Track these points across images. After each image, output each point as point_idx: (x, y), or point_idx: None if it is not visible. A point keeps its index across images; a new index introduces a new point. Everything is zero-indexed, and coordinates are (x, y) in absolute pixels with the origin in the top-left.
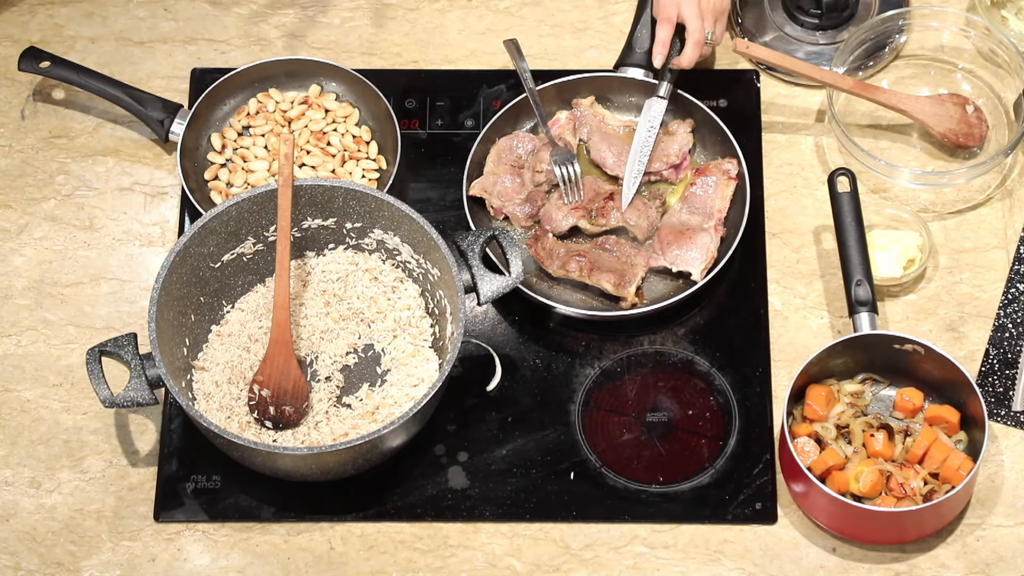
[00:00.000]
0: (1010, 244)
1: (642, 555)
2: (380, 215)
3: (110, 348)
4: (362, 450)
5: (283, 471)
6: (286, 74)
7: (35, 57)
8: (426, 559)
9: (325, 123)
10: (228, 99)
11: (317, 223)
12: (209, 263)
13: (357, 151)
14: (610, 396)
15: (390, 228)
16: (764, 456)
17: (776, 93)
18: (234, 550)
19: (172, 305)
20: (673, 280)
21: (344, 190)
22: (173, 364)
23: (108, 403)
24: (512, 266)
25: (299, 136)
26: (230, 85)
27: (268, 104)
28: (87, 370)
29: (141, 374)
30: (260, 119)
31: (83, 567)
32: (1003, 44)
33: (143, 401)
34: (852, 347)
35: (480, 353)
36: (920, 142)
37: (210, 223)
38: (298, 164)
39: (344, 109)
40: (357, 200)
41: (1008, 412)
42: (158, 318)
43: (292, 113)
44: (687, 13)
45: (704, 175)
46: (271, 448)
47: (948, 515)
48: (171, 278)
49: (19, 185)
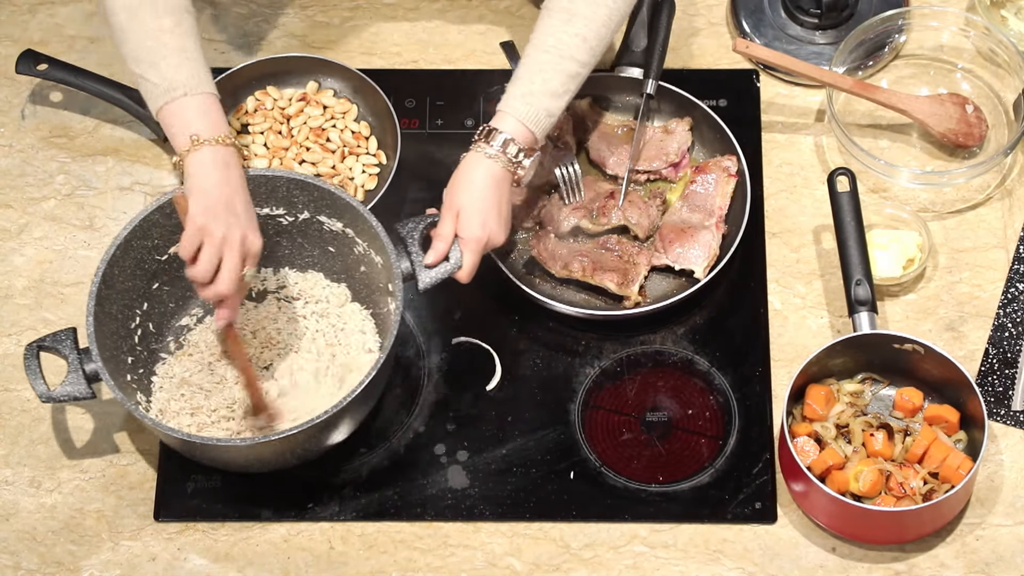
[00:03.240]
0: (1010, 244)
1: (642, 555)
2: (324, 204)
3: (48, 343)
4: (300, 440)
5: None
6: (283, 72)
7: (32, 59)
8: (426, 558)
9: (324, 119)
10: (226, 98)
11: (264, 212)
12: (155, 255)
13: (357, 146)
14: (610, 396)
15: (335, 215)
16: (764, 456)
17: (776, 93)
18: (234, 550)
19: (116, 299)
20: (675, 279)
21: (287, 179)
22: (117, 358)
23: (44, 398)
24: (451, 253)
25: (298, 133)
26: (227, 84)
27: (266, 102)
28: (24, 365)
29: (78, 368)
30: (259, 117)
31: (83, 567)
32: (1003, 44)
33: (80, 395)
34: (852, 347)
35: (480, 353)
36: (920, 142)
37: (152, 215)
38: (298, 161)
39: (342, 105)
40: (301, 189)
41: (1008, 412)
42: (97, 312)
43: (290, 110)
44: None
45: (704, 173)
46: (205, 440)
47: (948, 515)
48: (112, 271)
49: (19, 185)
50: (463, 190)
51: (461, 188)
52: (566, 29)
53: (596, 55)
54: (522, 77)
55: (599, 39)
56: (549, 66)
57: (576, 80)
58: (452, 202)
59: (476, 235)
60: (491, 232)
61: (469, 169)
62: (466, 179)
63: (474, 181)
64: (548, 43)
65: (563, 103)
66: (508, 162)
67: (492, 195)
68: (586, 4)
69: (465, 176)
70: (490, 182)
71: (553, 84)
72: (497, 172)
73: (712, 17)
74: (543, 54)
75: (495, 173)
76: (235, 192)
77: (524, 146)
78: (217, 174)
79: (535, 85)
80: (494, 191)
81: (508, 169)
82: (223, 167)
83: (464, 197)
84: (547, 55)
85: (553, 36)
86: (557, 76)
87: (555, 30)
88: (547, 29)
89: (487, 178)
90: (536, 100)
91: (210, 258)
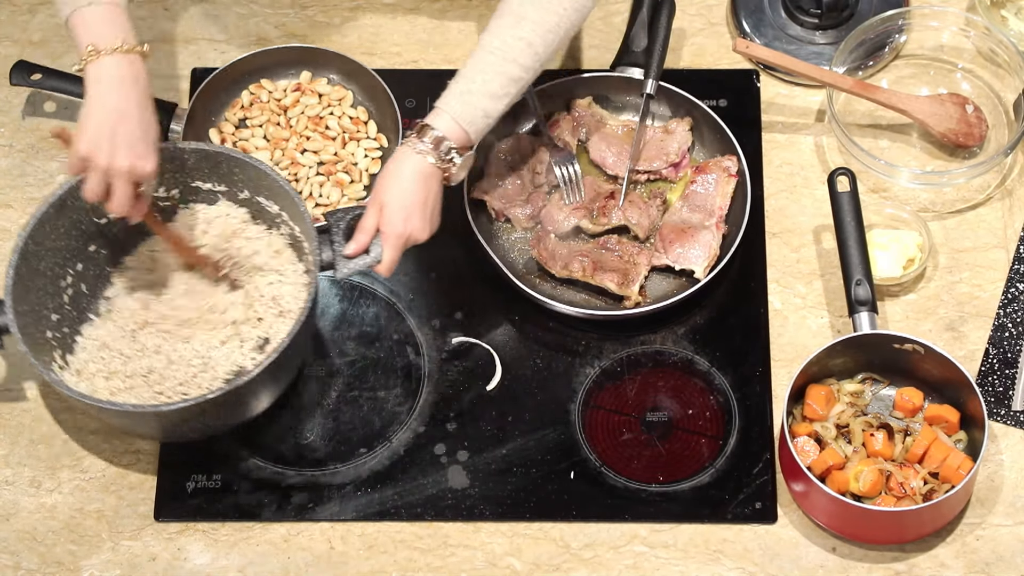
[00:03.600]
0: (1010, 244)
1: (642, 555)
2: (263, 185)
3: None
4: (205, 408)
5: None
6: (274, 65)
7: (26, 70)
8: (426, 558)
9: (321, 107)
10: (221, 94)
11: (208, 187)
12: (92, 217)
13: (356, 132)
14: (610, 396)
15: (272, 198)
16: (764, 456)
17: (776, 93)
18: (234, 550)
19: (46, 256)
20: (675, 279)
21: (227, 157)
22: (39, 313)
23: None
24: (372, 247)
25: (297, 123)
26: (221, 80)
27: (261, 95)
28: None
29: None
30: (255, 110)
31: (83, 567)
32: (1003, 44)
33: None
34: (852, 347)
35: (480, 353)
36: (920, 142)
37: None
38: (299, 151)
39: (337, 92)
40: (241, 168)
41: (1008, 412)
42: (20, 266)
43: (287, 101)
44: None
45: (704, 173)
46: (117, 407)
47: (948, 514)
48: (43, 228)
49: (19, 185)
50: (389, 184)
51: (388, 182)
52: (513, 32)
53: (542, 61)
54: (463, 76)
55: (546, 45)
56: (491, 67)
57: (518, 84)
58: (377, 195)
59: (397, 231)
60: (413, 228)
61: (398, 163)
62: (394, 173)
63: (402, 176)
64: (494, 44)
65: (502, 105)
66: (439, 159)
67: (418, 191)
68: (536, 9)
69: (394, 170)
70: (418, 178)
71: (493, 86)
72: (426, 168)
73: (712, 17)
74: (487, 55)
75: (423, 169)
76: (125, 116)
77: (457, 145)
78: (112, 96)
79: (475, 85)
80: (421, 187)
81: (438, 166)
82: (118, 84)
83: (390, 192)
84: (491, 56)
85: (499, 38)
86: (498, 78)
87: (502, 32)
88: (495, 30)
89: (415, 174)
90: (474, 100)
91: (97, 183)
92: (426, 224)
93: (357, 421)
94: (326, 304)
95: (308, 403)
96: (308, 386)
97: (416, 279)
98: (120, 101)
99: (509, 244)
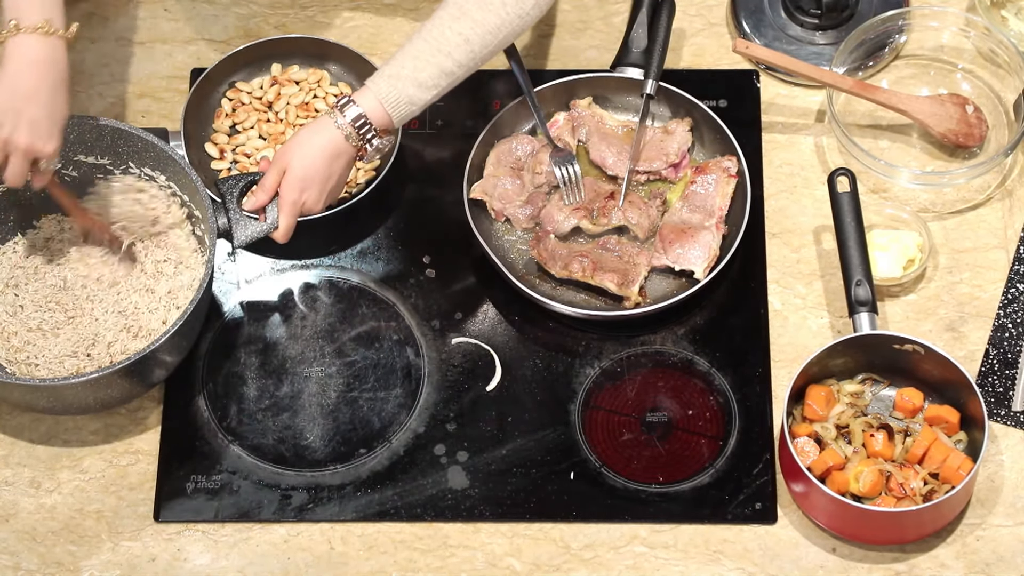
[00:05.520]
0: (1010, 244)
1: (642, 555)
2: (148, 156)
3: None
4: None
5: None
6: (243, 65)
7: None
8: (426, 559)
9: (304, 93)
10: (200, 107)
11: (91, 160)
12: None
13: None
14: (610, 396)
15: (157, 168)
16: (764, 456)
17: (776, 93)
18: (234, 550)
19: None
20: (675, 279)
21: (111, 129)
22: None
23: None
24: (269, 212)
25: (287, 115)
26: (198, 97)
27: (241, 97)
28: None
29: None
30: (241, 114)
31: (83, 567)
32: (1003, 44)
33: None
34: (852, 347)
35: (480, 353)
36: (920, 142)
37: None
38: None
39: (313, 75)
40: (124, 139)
41: (1008, 412)
42: None
43: (269, 96)
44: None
45: (704, 173)
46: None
47: (948, 515)
48: None
49: None
50: (298, 150)
51: (297, 147)
52: (452, 25)
53: (477, 60)
54: (395, 59)
55: (484, 45)
56: (424, 56)
57: (449, 78)
58: (283, 157)
59: (292, 198)
60: (309, 199)
61: (313, 132)
62: (306, 140)
63: (312, 145)
64: (432, 34)
65: (429, 96)
66: (356, 137)
67: (323, 164)
68: (478, 8)
69: (306, 137)
70: (328, 150)
71: (423, 75)
72: (339, 144)
73: (712, 17)
74: (423, 43)
75: (337, 144)
76: (34, 97)
77: (377, 126)
78: (24, 76)
79: (405, 70)
80: (327, 161)
81: (353, 144)
82: (33, 64)
83: (296, 158)
84: (426, 45)
85: (438, 29)
86: (428, 68)
87: (441, 23)
88: (435, 20)
89: (326, 146)
90: (401, 85)
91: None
92: (322, 198)
93: (357, 422)
94: (326, 304)
95: (308, 404)
96: (308, 386)
97: (416, 279)
98: (32, 80)
99: (509, 244)
